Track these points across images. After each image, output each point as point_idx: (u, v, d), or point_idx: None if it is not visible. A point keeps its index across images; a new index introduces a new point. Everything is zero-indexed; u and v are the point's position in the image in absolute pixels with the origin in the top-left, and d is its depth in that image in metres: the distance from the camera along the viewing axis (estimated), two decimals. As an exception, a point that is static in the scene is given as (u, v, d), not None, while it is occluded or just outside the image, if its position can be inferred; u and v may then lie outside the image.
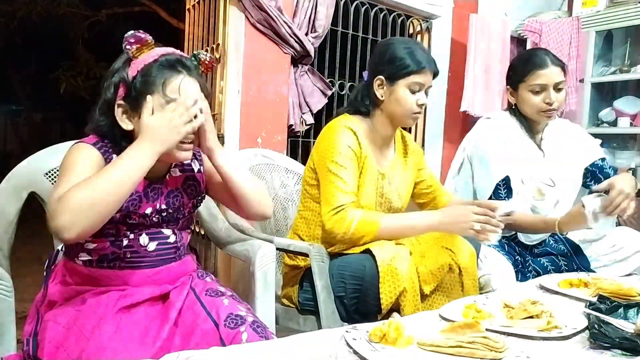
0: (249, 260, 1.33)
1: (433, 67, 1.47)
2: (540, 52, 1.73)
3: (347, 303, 1.39)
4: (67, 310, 1.02)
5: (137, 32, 1.05)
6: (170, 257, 1.14)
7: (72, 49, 6.83)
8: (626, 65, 3.10)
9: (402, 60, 1.44)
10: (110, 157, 1.05)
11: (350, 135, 1.45)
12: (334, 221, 1.36)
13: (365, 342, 0.91)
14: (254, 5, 2.14)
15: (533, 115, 1.73)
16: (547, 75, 1.66)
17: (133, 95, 1.02)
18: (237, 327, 1.01)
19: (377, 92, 1.49)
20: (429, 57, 1.47)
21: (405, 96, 1.45)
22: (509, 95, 1.79)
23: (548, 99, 1.67)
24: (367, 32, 2.80)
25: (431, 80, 1.48)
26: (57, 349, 0.96)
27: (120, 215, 1.04)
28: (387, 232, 1.37)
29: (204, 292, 1.11)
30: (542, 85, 1.67)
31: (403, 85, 1.45)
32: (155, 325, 1.02)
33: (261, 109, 2.28)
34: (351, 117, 1.53)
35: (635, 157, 3.17)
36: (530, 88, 1.69)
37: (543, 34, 3.16)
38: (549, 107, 1.68)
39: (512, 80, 1.77)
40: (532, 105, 1.70)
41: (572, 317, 1.09)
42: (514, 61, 1.85)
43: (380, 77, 1.48)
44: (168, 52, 1.06)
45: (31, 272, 2.30)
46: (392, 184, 1.57)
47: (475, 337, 0.89)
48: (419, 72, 1.44)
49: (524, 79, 1.70)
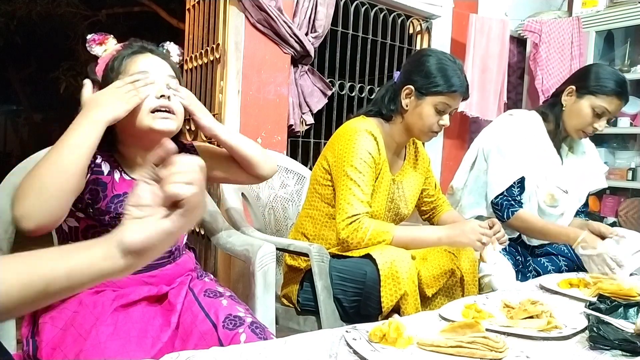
0: (248, 260, 1.33)
1: (464, 92, 1.44)
2: (625, 80, 1.62)
3: (347, 306, 1.39)
4: (64, 312, 1.01)
5: (98, 33, 1.12)
6: (164, 260, 1.13)
7: (72, 49, 6.82)
8: (626, 65, 3.10)
9: (436, 78, 1.41)
10: (95, 156, 1.05)
11: (370, 141, 1.43)
12: (349, 230, 1.36)
13: (365, 342, 0.91)
14: (254, 5, 2.15)
15: (573, 127, 1.64)
16: (618, 106, 1.58)
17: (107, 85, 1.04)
18: (236, 329, 1.00)
19: (403, 101, 1.47)
20: (463, 80, 1.43)
21: (430, 114, 1.44)
22: (566, 95, 1.66)
23: (599, 126, 1.59)
24: (367, 32, 2.80)
25: (459, 103, 1.47)
26: (53, 350, 0.96)
27: (110, 217, 1.04)
28: (399, 244, 1.36)
29: (202, 293, 1.11)
30: (607, 112, 1.58)
31: (430, 102, 1.43)
32: (155, 326, 1.01)
33: (261, 109, 2.28)
34: (370, 120, 1.50)
35: (635, 157, 3.17)
36: (595, 107, 1.58)
37: (543, 34, 3.16)
38: (592, 132, 1.62)
39: (583, 86, 1.62)
40: (584, 122, 1.61)
41: (572, 317, 1.09)
42: (601, 68, 1.67)
43: (409, 87, 1.45)
44: (130, 41, 1.12)
45: (31, 272, 2.28)
46: (400, 189, 1.57)
47: (475, 337, 0.89)
48: (449, 94, 1.42)
49: (597, 95, 1.58)
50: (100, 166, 1.06)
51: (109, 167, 1.07)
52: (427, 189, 1.71)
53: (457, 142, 3.27)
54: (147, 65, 1.08)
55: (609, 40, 3.26)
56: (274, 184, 1.86)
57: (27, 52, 8.21)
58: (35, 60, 8.94)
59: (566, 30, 3.16)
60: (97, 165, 1.06)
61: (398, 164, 1.59)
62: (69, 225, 1.07)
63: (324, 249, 1.41)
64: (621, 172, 3.16)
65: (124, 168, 1.10)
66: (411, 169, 1.63)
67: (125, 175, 1.09)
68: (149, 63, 1.08)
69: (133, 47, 1.10)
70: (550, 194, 1.66)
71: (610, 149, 3.26)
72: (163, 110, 1.06)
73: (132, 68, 1.06)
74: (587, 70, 1.67)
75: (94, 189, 1.04)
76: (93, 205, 1.04)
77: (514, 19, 3.32)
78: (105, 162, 1.07)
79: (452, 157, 3.22)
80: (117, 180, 1.07)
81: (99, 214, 1.04)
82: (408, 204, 1.60)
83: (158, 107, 1.05)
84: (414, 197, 1.63)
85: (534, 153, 1.66)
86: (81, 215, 1.05)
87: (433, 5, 3.01)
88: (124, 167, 1.10)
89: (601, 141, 3.30)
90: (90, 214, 1.04)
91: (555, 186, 1.66)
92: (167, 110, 1.07)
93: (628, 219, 3.04)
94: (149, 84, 1.05)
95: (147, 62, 1.08)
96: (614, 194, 3.25)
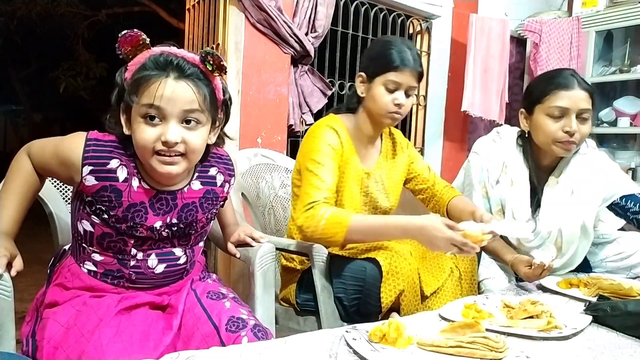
0: (248, 260, 1.33)
1: (412, 66, 1.40)
2: (566, 72, 1.46)
3: (348, 304, 1.38)
4: (67, 309, 1.01)
5: (129, 31, 0.97)
6: (177, 277, 1.12)
7: (72, 49, 6.82)
8: (626, 65, 3.10)
9: (381, 58, 1.41)
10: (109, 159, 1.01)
11: (331, 134, 1.44)
12: (304, 217, 1.32)
13: (365, 342, 0.91)
14: (254, 5, 2.15)
15: (546, 145, 1.44)
16: (572, 98, 1.38)
17: (125, 100, 0.98)
18: (238, 331, 0.99)
19: (358, 89, 1.48)
20: (411, 57, 1.40)
21: (381, 93, 1.42)
22: (523, 120, 1.52)
23: (568, 126, 1.38)
24: (367, 32, 2.80)
25: (413, 81, 1.42)
26: (56, 350, 0.95)
27: (126, 226, 1.02)
28: (357, 232, 1.28)
29: (205, 294, 1.10)
30: (564, 109, 1.39)
31: (379, 82, 1.41)
32: (157, 329, 1.01)
33: (261, 109, 2.28)
34: (336, 117, 1.52)
35: (635, 157, 3.17)
36: (549, 111, 1.41)
37: (543, 34, 3.16)
38: (567, 138, 1.39)
39: (528, 102, 1.49)
40: (548, 133, 1.41)
41: (572, 317, 1.10)
42: (534, 80, 1.59)
43: (361, 74, 1.47)
44: (157, 52, 0.98)
45: (31, 272, 2.28)
46: (378, 183, 1.55)
47: (475, 337, 0.89)
48: (395, 70, 1.39)
49: (542, 100, 1.42)
50: (116, 172, 1.00)
51: (126, 174, 1.01)
52: (416, 175, 1.65)
53: (457, 143, 3.27)
54: (162, 96, 0.93)
55: (608, 40, 3.27)
56: (274, 184, 1.86)
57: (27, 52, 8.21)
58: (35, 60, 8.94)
59: (566, 30, 3.16)
60: (112, 171, 1.00)
61: (373, 157, 1.57)
62: (85, 228, 1.04)
63: (324, 248, 1.41)
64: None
65: (143, 176, 1.04)
66: (390, 160, 1.60)
67: (144, 183, 1.03)
68: (168, 92, 0.94)
69: (156, 60, 0.96)
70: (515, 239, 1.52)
71: (610, 149, 3.26)
72: (168, 156, 0.97)
73: (144, 98, 0.94)
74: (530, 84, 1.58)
75: (107, 195, 1.00)
76: (108, 211, 1.01)
77: (514, 19, 3.31)
78: (124, 166, 1.01)
79: (452, 158, 3.22)
80: (134, 188, 1.02)
81: (115, 221, 1.01)
82: (389, 196, 1.58)
83: (161, 151, 0.96)
84: (395, 189, 1.61)
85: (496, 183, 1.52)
86: (96, 220, 1.02)
87: (433, 5, 3.01)
88: (143, 175, 1.04)
89: (601, 141, 3.30)
90: (106, 220, 1.01)
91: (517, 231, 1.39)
92: (175, 155, 0.97)
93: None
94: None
95: (165, 91, 0.94)
96: (614, 194, 3.25)
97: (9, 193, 1.06)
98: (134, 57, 0.99)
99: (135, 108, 0.96)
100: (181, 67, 0.96)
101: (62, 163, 1.01)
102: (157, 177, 1.03)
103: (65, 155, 1.00)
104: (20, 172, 1.08)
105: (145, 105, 0.94)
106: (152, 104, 0.94)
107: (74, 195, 1.07)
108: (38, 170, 1.08)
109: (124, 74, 1.00)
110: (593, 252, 1.64)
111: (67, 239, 1.19)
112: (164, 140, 0.95)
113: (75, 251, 1.09)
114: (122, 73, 1.01)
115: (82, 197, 1.02)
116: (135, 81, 0.96)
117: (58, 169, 1.04)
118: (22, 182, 1.07)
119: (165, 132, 0.95)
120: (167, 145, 0.95)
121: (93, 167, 0.99)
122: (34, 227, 2.17)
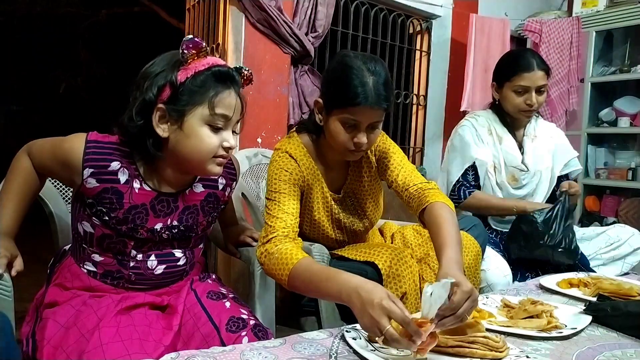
0: (248, 260, 1.33)
1: (373, 103, 1.14)
2: (528, 55, 1.80)
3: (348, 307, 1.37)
4: (67, 309, 1.01)
5: (195, 37, 0.99)
6: (176, 278, 1.12)
7: (72, 49, 6.82)
8: (626, 65, 3.10)
9: (337, 89, 1.18)
10: (110, 161, 1.00)
11: (286, 160, 1.29)
12: (259, 252, 1.18)
13: (365, 342, 0.91)
14: (254, 5, 2.15)
15: (514, 113, 1.83)
16: (531, 78, 1.75)
17: (179, 101, 0.97)
18: (239, 331, 1.00)
19: (316, 116, 1.27)
20: (375, 90, 1.15)
21: (338, 131, 1.20)
22: (494, 91, 1.89)
23: (529, 100, 1.77)
24: (367, 32, 2.80)
25: (377, 116, 1.19)
26: (55, 350, 0.95)
27: (127, 228, 1.02)
28: (298, 279, 1.07)
29: (205, 295, 1.10)
30: (525, 87, 1.76)
31: (335, 117, 1.20)
32: (157, 329, 1.01)
33: (261, 109, 2.28)
34: (295, 139, 1.35)
35: (635, 157, 3.17)
36: (514, 89, 1.78)
37: (543, 34, 3.16)
38: (528, 108, 1.78)
39: (498, 78, 1.86)
40: (514, 105, 1.80)
41: (572, 317, 1.10)
42: (502, 59, 1.92)
43: (319, 101, 1.26)
44: (219, 63, 1.02)
45: (31, 272, 2.29)
46: (350, 205, 1.43)
47: (475, 337, 0.89)
48: (351, 107, 1.16)
49: (510, 79, 1.79)
50: (117, 174, 1.01)
51: (128, 175, 1.02)
52: (392, 182, 1.37)
53: (457, 142, 3.27)
54: (235, 108, 1.03)
55: (608, 40, 3.27)
56: (274, 183, 1.86)
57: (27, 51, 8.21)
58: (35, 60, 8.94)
59: (566, 30, 3.16)
60: (113, 173, 1.01)
61: (342, 178, 1.42)
62: (85, 229, 1.04)
63: (325, 248, 1.41)
64: (621, 172, 3.16)
65: (144, 178, 1.05)
66: (361, 178, 1.42)
67: (145, 185, 1.04)
68: (234, 103, 1.03)
69: (222, 72, 1.01)
70: (510, 175, 1.82)
71: (610, 149, 3.27)
72: (224, 159, 1.05)
73: (217, 102, 0.99)
74: (499, 63, 1.91)
75: (108, 197, 1.01)
76: (109, 213, 1.02)
77: (514, 19, 3.32)
78: (125, 168, 1.02)
79: (452, 157, 3.21)
80: (135, 190, 1.03)
81: (116, 223, 1.02)
82: (368, 213, 1.45)
83: (220, 156, 1.03)
84: (372, 204, 1.46)
85: (485, 142, 1.83)
86: (97, 221, 1.02)
87: (433, 5, 3.01)
88: (144, 177, 1.05)
89: (601, 141, 3.30)
90: (107, 222, 1.02)
91: (512, 167, 1.82)
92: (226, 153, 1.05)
93: (628, 219, 3.04)
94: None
95: (235, 103, 1.03)
96: (614, 194, 3.25)
97: (9, 193, 1.07)
98: (192, 61, 1.00)
99: (200, 115, 0.99)
100: (237, 81, 1.05)
101: (62, 164, 1.02)
102: (192, 172, 1.08)
103: (65, 157, 1.01)
104: (20, 172, 1.08)
105: (220, 115, 1.00)
106: (226, 114, 1.01)
107: (74, 196, 1.07)
108: (38, 170, 1.09)
109: (176, 74, 0.98)
110: (586, 246, 1.74)
111: (67, 239, 1.19)
112: (227, 147, 1.03)
113: (75, 251, 1.09)
114: (171, 72, 0.99)
115: (83, 198, 1.03)
116: (203, 89, 0.99)
117: (58, 170, 1.04)
118: (22, 182, 1.08)
119: (228, 139, 1.03)
120: (228, 151, 1.04)
121: (94, 170, 0.99)
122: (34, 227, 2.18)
